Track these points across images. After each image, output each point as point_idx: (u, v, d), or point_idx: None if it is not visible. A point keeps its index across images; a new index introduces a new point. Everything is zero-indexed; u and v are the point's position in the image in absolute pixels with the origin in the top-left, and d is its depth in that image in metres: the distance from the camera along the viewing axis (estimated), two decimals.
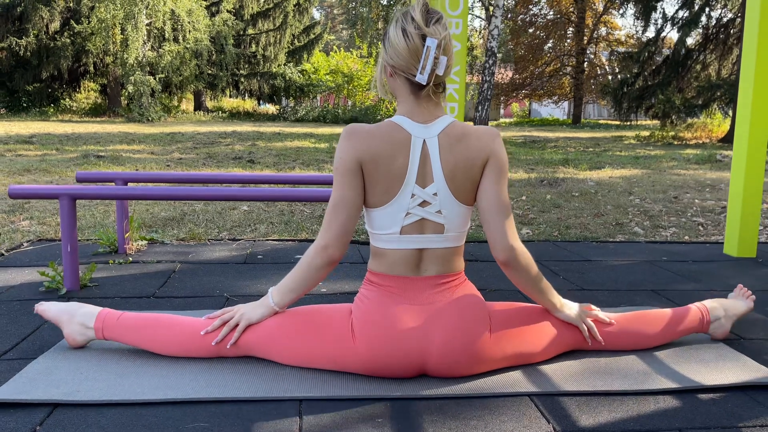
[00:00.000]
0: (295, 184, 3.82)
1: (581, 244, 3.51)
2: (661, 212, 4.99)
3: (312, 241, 3.46)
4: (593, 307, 1.86)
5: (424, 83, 1.59)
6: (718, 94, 15.21)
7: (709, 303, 1.99)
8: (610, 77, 25.18)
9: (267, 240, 3.44)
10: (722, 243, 3.60)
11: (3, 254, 2.98)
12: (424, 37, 1.57)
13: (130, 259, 2.89)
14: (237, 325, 1.70)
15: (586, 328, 1.80)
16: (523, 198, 5.52)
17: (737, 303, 2.03)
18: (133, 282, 2.54)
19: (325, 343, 1.65)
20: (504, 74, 29.54)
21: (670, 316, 1.91)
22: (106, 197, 2.42)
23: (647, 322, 1.88)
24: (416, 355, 1.61)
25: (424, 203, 1.63)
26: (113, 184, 2.94)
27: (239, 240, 3.41)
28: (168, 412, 1.47)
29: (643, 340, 1.86)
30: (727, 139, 14.21)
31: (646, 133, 17.39)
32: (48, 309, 1.82)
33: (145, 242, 3.19)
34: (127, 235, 2.99)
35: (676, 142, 14.71)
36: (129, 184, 3.03)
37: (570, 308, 1.81)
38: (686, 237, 4.09)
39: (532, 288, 1.74)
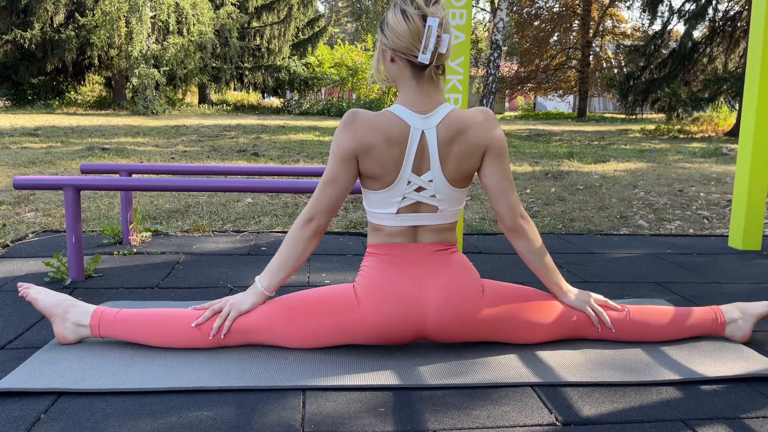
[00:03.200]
0: (299, 176, 3.83)
1: (585, 237, 3.50)
2: (665, 205, 4.97)
3: None
4: (600, 297, 1.86)
5: (427, 62, 1.63)
6: (725, 87, 15.12)
7: (724, 306, 1.96)
8: (615, 70, 25.06)
9: (271, 232, 3.45)
10: (727, 236, 3.59)
11: (8, 245, 2.99)
12: (424, 18, 1.61)
13: (134, 250, 2.89)
14: (228, 316, 1.72)
15: (593, 314, 1.80)
16: (528, 191, 5.51)
17: (755, 304, 1.96)
18: (136, 273, 2.55)
19: (331, 313, 1.70)
20: (509, 67, 29.42)
21: (677, 310, 1.90)
22: (110, 188, 2.42)
23: (655, 315, 1.87)
24: (416, 311, 1.68)
25: (419, 189, 1.71)
26: (117, 175, 2.95)
27: (243, 232, 3.42)
28: (171, 401, 1.48)
29: (650, 331, 1.86)
30: (734, 133, 14.14)
31: (651, 127, 17.32)
32: (40, 299, 1.76)
33: (149, 234, 3.20)
34: (131, 226, 2.99)
35: (681, 136, 14.65)
36: (133, 175, 3.04)
37: (576, 294, 1.83)
38: (691, 230, 4.07)
39: (537, 261, 1.82)
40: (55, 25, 20.49)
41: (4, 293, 2.25)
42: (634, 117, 21.72)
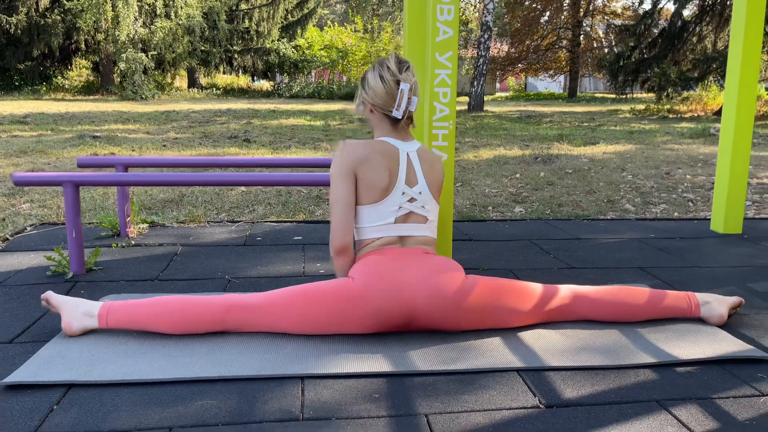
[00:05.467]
0: (292, 168, 3.89)
1: (572, 223, 3.60)
2: (652, 189, 5.07)
3: (310, 222, 3.54)
4: None
5: (400, 117, 1.99)
6: (714, 66, 15.19)
7: (697, 293, 2.08)
8: (606, 50, 25.06)
9: (265, 222, 3.52)
10: (710, 219, 3.69)
11: (8, 238, 3.05)
12: (398, 82, 1.97)
13: (133, 242, 2.96)
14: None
15: None
16: (517, 176, 5.59)
17: (728, 298, 2.08)
18: (136, 265, 2.62)
19: (328, 294, 1.83)
20: (500, 48, 29.34)
21: (653, 291, 2.02)
22: (109, 184, 2.49)
23: (630, 295, 1.99)
24: (407, 289, 1.83)
25: (412, 200, 1.99)
26: (114, 168, 3.00)
27: (238, 222, 3.49)
28: (177, 390, 1.56)
29: (626, 310, 1.97)
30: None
31: (641, 107, 17.41)
32: (53, 297, 1.91)
33: (146, 225, 3.26)
34: (128, 219, 3.06)
35: (671, 116, 14.75)
36: (129, 168, 3.09)
37: None
38: (676, 213, 4.17)
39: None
40: (40, 10, 20.25)
41: (8, 287, 2.32)
42: (624, 97, 21.78)
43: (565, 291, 1.98)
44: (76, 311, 1.86)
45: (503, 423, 1.43)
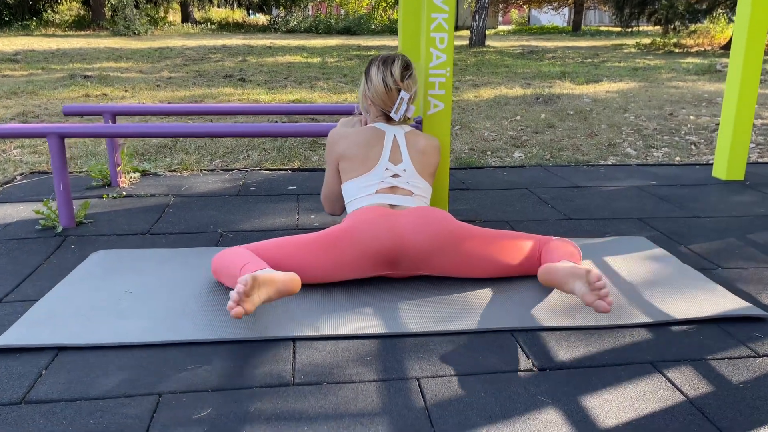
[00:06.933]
0: (289, 115, 3.78)
1: (572, 169, 3.53)
2: (654, 131, 4.98)
3: (305, 170, 3.47)
4: None
5: (396, 120, 2.12)
6: None
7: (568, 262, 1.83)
8: None
9: (260, 170, 3.46)
10: (712, 164, 3.63)
11: None
12: (399, 90, 2.08)
13: (124, 193, 2.91)
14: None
15: None
16: (518, 118, 5.48)
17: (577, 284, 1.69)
18: (127, 218, 2.58)
19: (313, 238, 1.85)
20: None
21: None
22: (96, 135, 2.41)
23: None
24: (394, 223, 1.85)
25: (395, 175, 2.05)
26: (101, 118, 2.92)
27: (232, 170, 3.42)
28: (167, 353, 1.54)
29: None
30: (730, 47, 13.90)
31: (647, 41, 16.97)
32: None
33: (137, 175, 3.20)
34: (119, 168, 3.00)
35: (677, 50, 14.40)
36: (118, 117, 3.01)
37: None
38: (677, 158, 4.10)
39: None
40: None
41: None
42: (629, 30, 21.23)
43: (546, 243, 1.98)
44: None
45: (496, 387, 1.42)
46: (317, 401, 1.36)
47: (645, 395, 1.40)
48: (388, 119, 2.15)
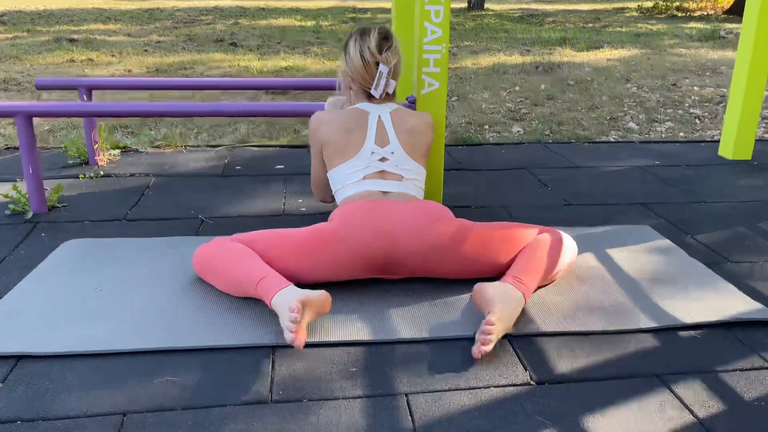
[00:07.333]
0: (283, 90, 3.61)
1: (572, 147, 3.39)
2: (657, 103, 4.82)
3: (294, 146, 3.32)
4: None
5: (377, 97, 1.97)
6: None
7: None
8: None
9: (246, 146, 3.30)
10: (717, 141, 3.49)
11: None
12: (377, 64, 1.92)
13: (101, 173, 2.76)
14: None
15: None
16: (517, 88, 5.30)
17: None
18: (103, 201, 2.44)
19: (302, 237, 1.71)
20: None
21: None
22: (68, 115, 2.26)
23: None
24: (387, 222, 1.70)
25: (383, 159, 1.90)
26: (77, 92, 2.76)
27: (218, 147, 3.26)
28: (134, 363, 1.43)
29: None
30: (733, 11, 13.58)
31: (649, 4, 16.58)
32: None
33: (117, 151, 3.05)
34: (96, 146, 2.84)
35: (680, 14, 14.07)
36: (95, 91, 2.84)
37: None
38: (681, 134, 3.96)
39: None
40: None
41: None
42: None
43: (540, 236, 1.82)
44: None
45: (490, 404, 1.31)
46: (297, 423, 1.25)
47: (651, 415, 1.29)
48: (371, 98, 1.99)
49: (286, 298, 1.48)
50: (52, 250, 2.00)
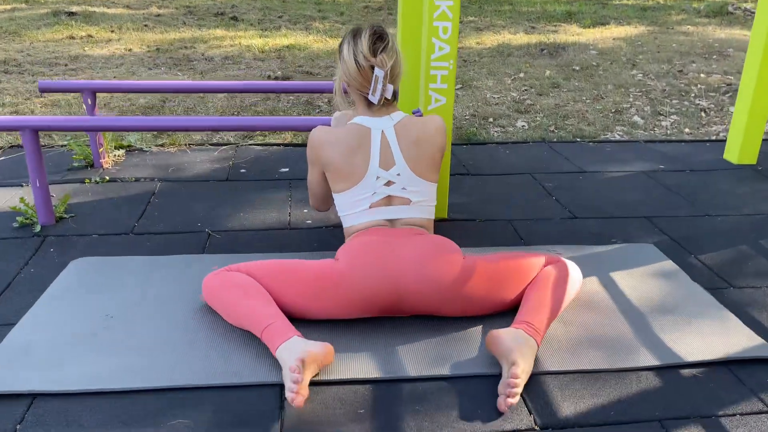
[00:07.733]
0: (288, 93, 3.57)
1: (577, 146, 3.38)
2: (663, 92, 4.78)
3: (297, 145, 3.31)
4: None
5: (376, 103, 1.83)
6: None
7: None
8: None
9: (251, 145, 3.28)
10: (722, 140, 3.49)
11: None
12: (372, 67, 1.78)
13: (107, 177, 2.76)
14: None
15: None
16: (521, 75, 5.25)
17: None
18: (110, 211, 2.45)
19: (311, 272, 1.70)
20: None
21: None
22: (74, 129, 2.25)
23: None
24: (394, 266, 1.68)
25: (389, 183, 1.83)
26: (80, 96, 2.73)
27: (221, 146, 3.25)
28: (147, 403, 1.46)
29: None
30: None
31: None
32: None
33: (122, 152, 3.04)
34: (101, 150, 2.84)
35: None
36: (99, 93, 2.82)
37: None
38: (686, 129, 3.94)
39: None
40: None
41: None
42: None
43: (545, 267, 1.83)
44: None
45: None
46: None
47: None
48: (371, 107, 1.86)
49: (290, 354, 1.49)
50: (62, 268, 2.02)
